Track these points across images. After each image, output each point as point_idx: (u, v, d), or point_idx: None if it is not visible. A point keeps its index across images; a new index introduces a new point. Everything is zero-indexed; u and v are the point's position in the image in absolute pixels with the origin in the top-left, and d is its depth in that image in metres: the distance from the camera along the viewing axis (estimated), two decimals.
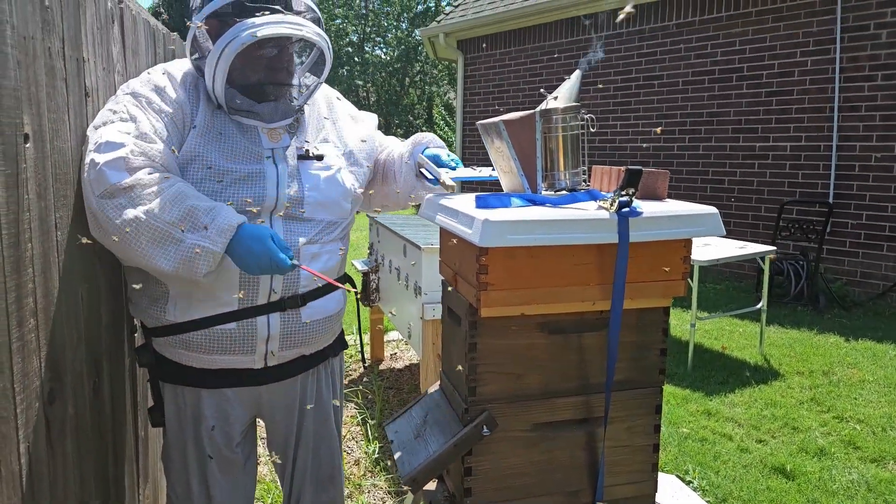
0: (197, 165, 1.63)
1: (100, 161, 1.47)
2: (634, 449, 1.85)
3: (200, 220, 1.50)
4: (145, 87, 1.65)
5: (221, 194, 1.63)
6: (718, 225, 1.68)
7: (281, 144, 1.75)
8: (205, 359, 1.70)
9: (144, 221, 1.47)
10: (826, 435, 3.61)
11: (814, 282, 6.27)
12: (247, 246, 1.51)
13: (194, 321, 1.65)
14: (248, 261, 1.52)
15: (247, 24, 1.56)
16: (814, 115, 6.66)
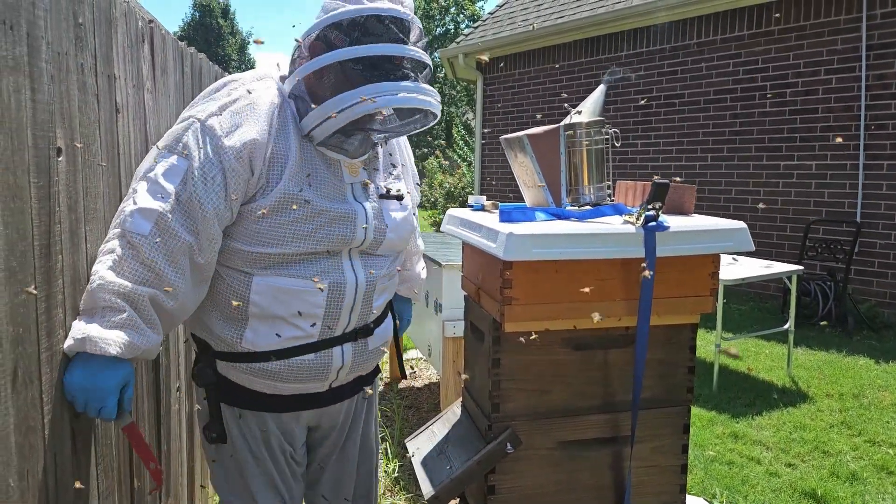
0: (295, 206, 1.55)
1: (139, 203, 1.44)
2: (662, 469, 1.82)
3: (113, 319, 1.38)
4: (222, 122, 1.52)
5: (315, 234, 1.58)
6: (747, 240, 1.66)
7: (359, 179, 1.69)
8: (278, 386, 1.67)
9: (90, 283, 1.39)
10: (858, 459, 3.53)
11: (842, 303, 6.17)
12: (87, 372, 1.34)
13: (273, 351, 1.62)
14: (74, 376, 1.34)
15: (394, 87, 1.51)
16: (840, 133, 6.59)
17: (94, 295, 1.38)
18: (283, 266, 1.58)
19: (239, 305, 1.59)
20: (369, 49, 1.52)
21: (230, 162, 1.50)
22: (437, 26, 30.30)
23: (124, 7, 1.70)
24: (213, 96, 1.57)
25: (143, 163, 1.54)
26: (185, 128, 1.52)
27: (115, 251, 1.41)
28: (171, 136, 1.53)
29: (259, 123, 1.54)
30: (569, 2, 9.49)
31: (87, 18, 1.44)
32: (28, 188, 1.19)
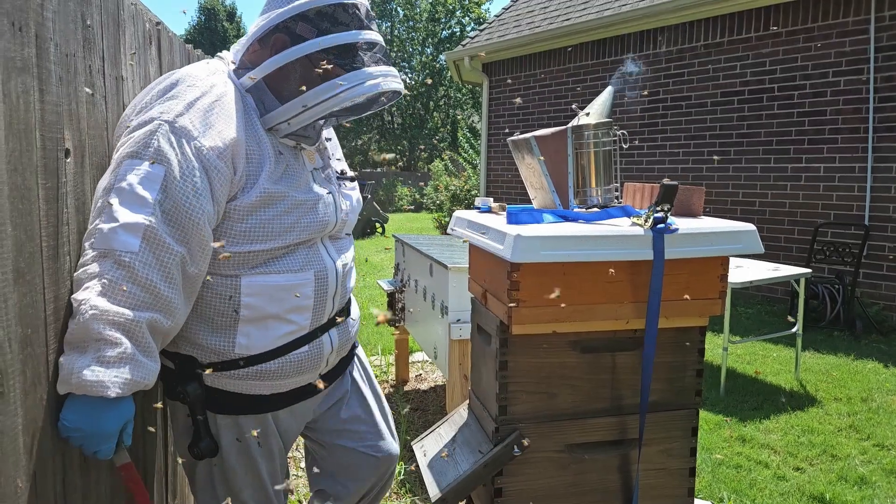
0: (278, 203, 1.54)
1: (119, 219, 1.32)
2: (670, 472, 1.81)
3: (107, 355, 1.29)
4: (193, 121, 1.45)
5: (297, 225, 1.57)
6: (756, 242, 1.65)
7: (317, 165, 1.71)
8: (277, 384, 1.65)
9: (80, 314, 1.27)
10: (866, 463, 3.50)
11: (850, 306, 6.13)
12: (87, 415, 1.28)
13: (268, 352, 1.60)
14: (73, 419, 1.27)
15: (367, 73, 1.53)
16: (848, 135, 6.56)
17: (86, 327, 1.26)
18: (270, 263, 1.56)
19: (230, 311, 1.54)
20: (350, 36, 1.52)
21: (213, 162, 1.44)
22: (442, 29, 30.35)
23: (132, 9, 1.70)
24: (171, 94, 1.48)
25: (104, 178, 1.40)
26: (150, 131, 1.41)
27: (104, 275, 1.30)
28: (134, 143, 1.40)
29: (232, 120, 1.50)
30: (575, 4, 9.48)
31: (94, 20, 1.45)
32: (36, 189, 1.19)
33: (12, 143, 1.10)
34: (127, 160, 1.39)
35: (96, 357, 1.27)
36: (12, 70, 1.10)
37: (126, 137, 1.44)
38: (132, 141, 1.42)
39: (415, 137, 30.04)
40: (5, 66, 1.07)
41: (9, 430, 1.09)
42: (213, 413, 1.63)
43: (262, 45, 1.58)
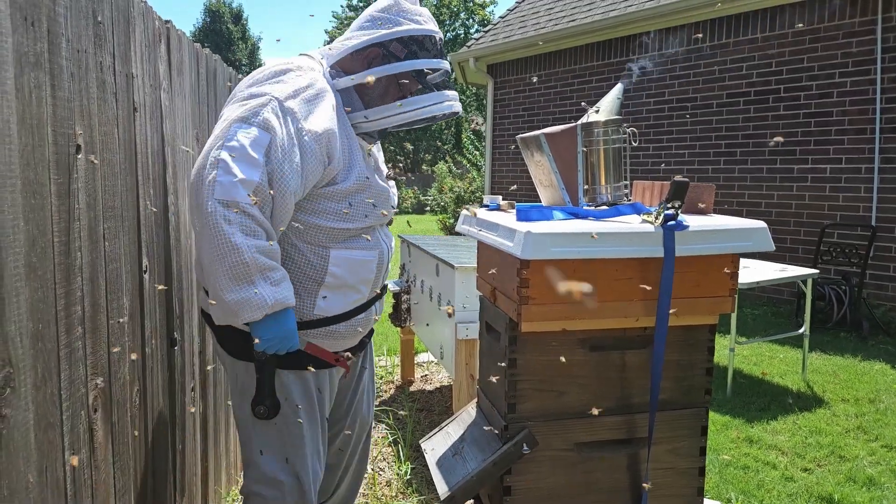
0: (367, 189, 1.79)
1: (238, 175, 1.52)
2: (679, 472, 1.80)
3: (275, 277, 1.59)
4: (299, 106, 1.65)
5: (376, 211, 1.82)
6: (767, 240, 1.64)
7: (374, 163, 1.93)
8: (339, 343, 1.84)
9: (241, 253, 1.52)
10: (875, 464, 3.48)
11: (857, 307, 6.11)
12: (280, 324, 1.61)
13: (342, 314, 1.81)
14: (270, 331, 1.60)
15: (446, 96, 1.81)
16: (854, 136, 6.54)
17: (247, 262, 1.52)
18: (353, 240, 1.79)
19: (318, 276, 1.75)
20: (439, 62, 1.82)
21: (309, 145, 1.64)
22: (447, 31, 30.36)
23: (142, 6, 1.71)
24: (282, 79, 1.69)
25: (216, 131, 1.60)
26: (262, 103, 1.60)
27: (234, 219, 1.52)
28: (247, 109, 1.59)
29: (329, 113, 1.70)
30: (580, 5, 9.47)
31: (105, 17, 1.45)
32: (48, 184, 1.19)
33: (25, 138, 1.11)
34: (237, 123, 1.58)
35: (268, 282, 1.56)
36: (25, 65, 1.10)
37: (236, 104, 1.64)
38: (244, 108, 1.61)
39: (419, 139, 30.05)
40: (18, 60, 1.07)
41: (20, 425, 1.09)
42: (281, 370, 1.75)
43: (357, 55, 1.82)
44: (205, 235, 1.53)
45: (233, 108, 1.64)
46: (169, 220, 1.95)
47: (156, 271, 1.83)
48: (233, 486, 3.00)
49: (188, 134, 2.17)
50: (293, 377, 1.78)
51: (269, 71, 1.72)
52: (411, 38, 1.79)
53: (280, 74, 1.70)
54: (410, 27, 1.80)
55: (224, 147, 1.54)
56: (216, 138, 1.57)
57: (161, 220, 1.88)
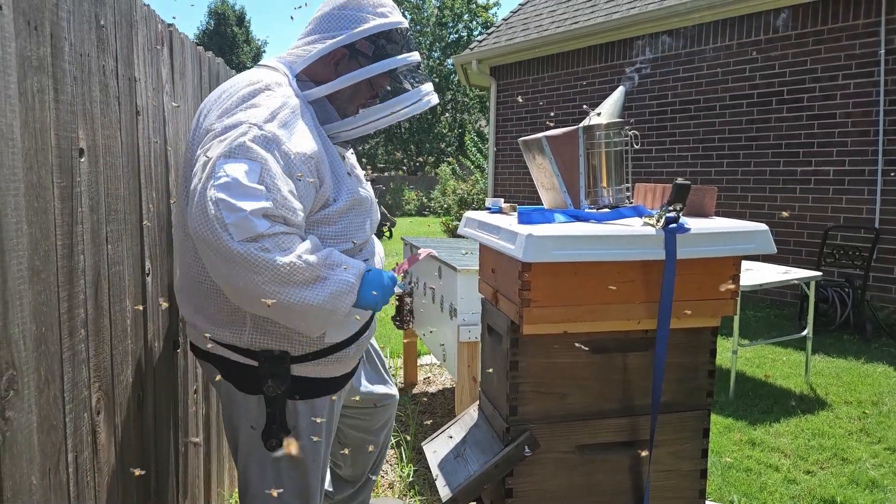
0: (359, 204, 1.72)
1: (244, 209, 1.41)
2: (681, 474, 1.80)
3: (336, 261, 1.56)
4: (278, 129, 1.54)
5: (366, 224, 1.76)
6: (769, 242, 1.64)
7: (351, 169, 1.82)
8: (347, 365, 1.80)
9: (294, 265, 1.46)
10: (878, 466, 3.47)
11: (860, 309, 6.10)
12: (373, 284, 1.60)
13: (349, 338, 1.75)
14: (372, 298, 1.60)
15: (423, 91, 1.74)
16: (858, 138, 6.53)
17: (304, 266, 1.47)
18: (355, 256, 1.71)
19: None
20: (413, 58, 1.73)
21: (299, 167, 1.54)
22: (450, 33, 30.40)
23: (144, 10, 1.71)
24: (253, 102, 1.58)
25: (201, 173, 1.48)
26: (242, 132, 1.50)
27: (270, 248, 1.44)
28: (227, 143, 1.48)
29: (308, 133, 1.61)
30: (583, 7, 9.48)
31: (108, 21, 1.46)
32: (51, 188, 1.20)
33: (28, 142, 1.11)
34: (221, 159, 1.46)
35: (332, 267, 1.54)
36: (28, 69, 1.11)
37: (214, 141, 1.52)
38: (224, 144, 1.49)
39: (422, 141, 30.08)
40: (21, 64, 1.08)
41: (23, 428, 1.10)
42: (292, 401, 1.71)
43: (322, 59, 1.71)
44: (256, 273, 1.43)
45: (210, 144, 1.52)
46: (172, 223, 1.95)
47: (158, 274, 1.84)
48: (235, 489, 3.01)
49: None
50: (304, 406, 1.73)
51: (238, 96, 1.60)
52: (379, 32, 1.70)
53: (250, 98, 1.59)
54: (378, 22, 1.70)
55: (216, 187, 1.42)
56: (205, 179, 1.45)
57: (164, 223, 1.89)
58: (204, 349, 1.70)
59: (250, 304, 1.51)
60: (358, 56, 1.69)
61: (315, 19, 1.76)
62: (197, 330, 1.70)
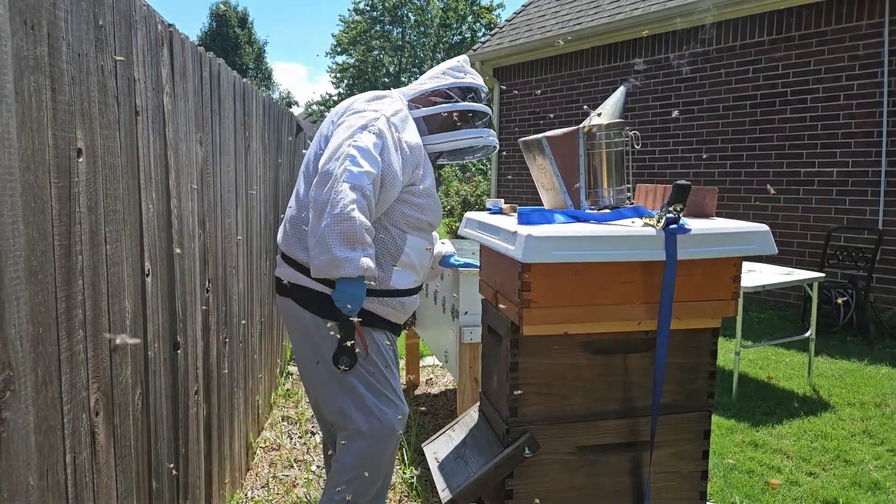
0: (433, 193, 2.26)
1: (364, 167, 1.96)
2: (682, 475, 1.79)
3: (370, 252, 1.99)
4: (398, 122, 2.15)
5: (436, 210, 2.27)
6: (770, 243, 1.63)
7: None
8: (399, 316, 2.25)
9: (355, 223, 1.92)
10: (880, 468, 3.46)
11: (863, 311, 6.07)
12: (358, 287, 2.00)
13: (408, 290, 2.24)
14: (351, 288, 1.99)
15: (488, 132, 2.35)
16: (861, 139, 6.51)
17: (359, 232, 1.93)
18: (422, 231, 2.25)
19: (395, 254, 2.18)
20: (486, 108, 2.38)
21: (406, 153, 2.12)
22: (453, 34, 30.40)
23: (144, 10, 1.71)
24: (380, 102, 2.21)
25: (342, 134, 2.05)
26: (376, 117, 2.09)
27: (357, 199, 1.93)
28: (364, 119, 2.08)
29: (415, 131, 2.22)
30: (586, 9, 9.47)
31: (107, 21, 1.45)
32: (48, 188, 1.20)
33: (25, 142, 1.11)
34: (359, 128, 2.05)
35: (365, 252, 1.95)
36: (25, 68, 1.11)
37: (353, 116, 2.13)
38: (363, 119, 2.08)
39: None
40: (18, 64, 1.08)
41: (20, 428, 1.09)
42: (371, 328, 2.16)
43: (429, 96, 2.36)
44: (329, 205, 1.91)
45: (353, 118, 2.10)
46: (172, 224, 1.95)
47: (158, 274, 1.84)
48: (236, 490, 3.01)
49: (191, 138, 2.17)
50: (372, 334, 2.16)
51: (367, 97, 2.24)
52: (469, 87, 2.36)
53: (379, 99, 2.23)
54: (469, 80, 2.38)
55: (352, 145, 1.98)
56: (344, 138, 2.01)
57: (164, 223, 1.89)
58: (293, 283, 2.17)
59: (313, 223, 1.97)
60: (448, 98, 2.33)
61: (431, 72, 2.44)
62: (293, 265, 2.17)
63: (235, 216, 2.89)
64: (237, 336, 2.97)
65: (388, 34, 30.95)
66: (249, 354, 3.29)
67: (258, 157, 3.45)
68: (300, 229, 2.16)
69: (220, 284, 2.62)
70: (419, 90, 2.37)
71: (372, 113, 2.10)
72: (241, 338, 3.05)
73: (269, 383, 4.00)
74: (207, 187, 2.38)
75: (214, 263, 2.50)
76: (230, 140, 2.76)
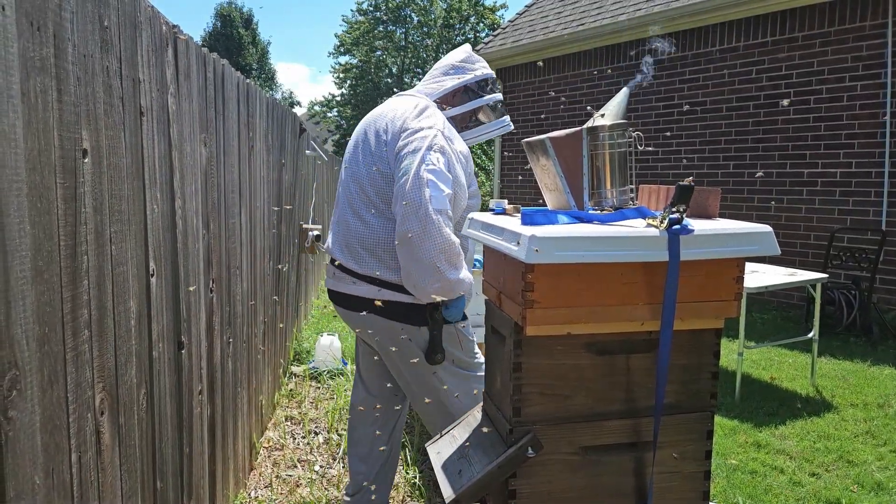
0: (477, 193, 2.40)
1: (444, 190, 2.12)
2: (684, 476, 1.79)
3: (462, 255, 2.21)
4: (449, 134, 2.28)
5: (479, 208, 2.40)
6: (773, 243, 1.63)
7: None
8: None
9: (455, 247, 2.13)
10: (883, 469, 3.46)
11: (866, 312, 6.07)
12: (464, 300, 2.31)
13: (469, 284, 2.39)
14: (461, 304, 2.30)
15: (507, 120, 2.57)
16: (864, 140, 6.50)
17: (459, 252, 2.14)
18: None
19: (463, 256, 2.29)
20: (499, 98, 2.55)
21: (462, 162, 2.28)
22: (457, 35, 30.40)
23: (149, 12, 1.72)
24: (429, 117, 2.27)
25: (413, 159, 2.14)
26: (434, 134, 2.20)
27: (446, 222, 2.10)
28: (427, 139, 2.18)
29: (459, 137, 2.34)
30: (589, 9, 9.47)
31: (112, 22, 1.46)
32: (54, 189, 1.20)
33: (31, 143, 1.12)
34: (426, 150, 2.15)
35: (465, 268, 2.20)
36: (31, 69, 1.11)
37: (414, 136, 2.20)
38: (425, 138, 2.18)
39: None
40: (24, 65, 1.09)
41: (26, 428, 1.10)
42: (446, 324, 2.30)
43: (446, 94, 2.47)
44: (429, 235, 2.07)
45: (416, 140, 2.18)
46: (176, 224, 1.96)
47: (163, 275, 1.84)
48: (240, 490, 3.01)
49: (195, 138, 2.18)
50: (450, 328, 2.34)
51: (412, 108, 2.30)
52: (485, 79, 2.51)
53: (425, 110, 2.30)
54: (482, 71, 2.51)
55: (427, 170, 2.10)
56: (417, 163, 2.11)
57: (168, 223, 1.90)
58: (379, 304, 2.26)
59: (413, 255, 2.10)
60: (469, 92, 2.48)
61: (442, 66, 2.51)
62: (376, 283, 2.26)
63: (239, 217, 2.90)
64: (241, 336, 2.98)
65: (392, 34, 30.97)
66: (253, 354, 3.29)
67: (262, 158, 3.46)
68: (378, 251, 2.26)
69: (224, 285, 2.63)
70: (441, 90, 2.46)
71: (429, 130, 2.20)
72: (244, 338, 3.06)
73: (272, 383, 4.01)
74: (211, 188, 2.39)
75: (218, 264, 2.51)
76: (234, 141, 2.77)
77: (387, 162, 2.24)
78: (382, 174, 2.25)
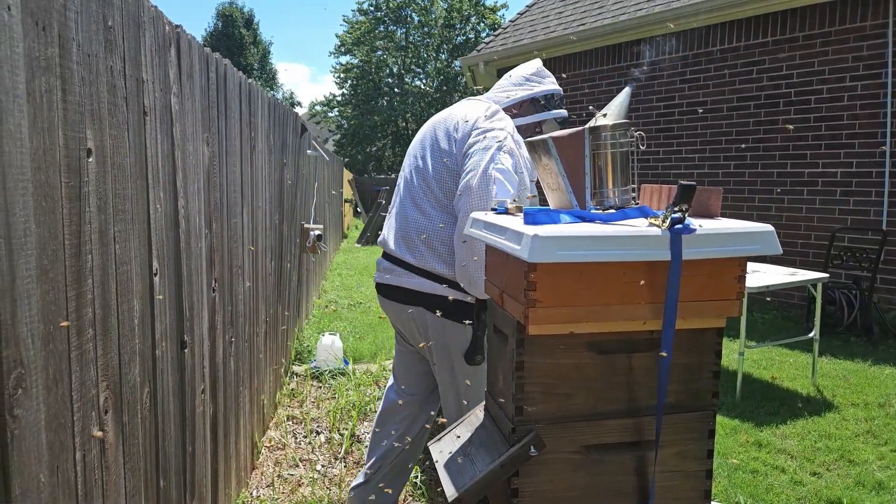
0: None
1: (510, 190, 2.16)
2: (686, 475, 1.80)
3: None
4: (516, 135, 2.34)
5: None
6: (775, 243, 1.64)
7: None
8: None
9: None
10: (884, 468, 3.46)
11: (867, 311, 6.07)
12: None
13: None
14: None
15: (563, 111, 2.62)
16: (865, 140, 6.51)
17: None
18: None
19: None
20: (564, 114, 2.60)
21: (528, 167, 2.31)
22: (457, 35, 30.41)
23: (152, 12, 1.72)
24: (499, 118, 2.34)
25: (483, 157, 2.20)
26: (504, 136, 2.26)
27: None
28: (496, 140, 2.24)
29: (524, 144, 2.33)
30: (590, 9, 9.47)
31: (116, 22, 1.47)
32: (59, 188, 1.21)
33: (36, 142, 1.12)
34: (495, 150, 2.20)
35: None
36: (36, 69, 1.12)
37: (484, 135, 2.26)
38: (494, 138, 2.24)
39: None
40: (29, 65, 1.09)
41: (31, 426, 1.11)
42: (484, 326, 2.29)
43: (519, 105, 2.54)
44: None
45: (487, 139, 2.24)
46: (179, 224, 1.96)
47: (166, 274, 1.85)
48: (242, 489, 3.02)
49: (198, 138, 2.18)
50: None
51: (487, 112, 2.35)
52: (553, 94, 2.59)
53: (494, 115, 2.35)
54: (550, 87, 2.60)
55: (496, 168, 2.16)
56: (487, 161, 2.18)
57: (171, 223, 1.90)
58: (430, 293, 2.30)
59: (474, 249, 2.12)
60: (536, 105, 2.54)
61: (512, 76, 2.60)
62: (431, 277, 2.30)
63: (241, 217, 2.90)
64: (243, 335, 2.98)
65: (392, 34, 30.98)
66: (255, 354, 3.30)
67: (264, 158, 3.46)
68: (435, 243, 2.31)
69: (226, 284, 2.63)
70: (510, 99, 2.55)
71: (500, 132, 2.26)
72: (246, 337, 3.07)
73: (274, 383, 4.01)
74: (214, 187, 2.39)
75: (220, 263, 2.51)
76: (236, 140, 2.78)
77: (454, 158, 2.31)
78: (448, 169, 2.32)
